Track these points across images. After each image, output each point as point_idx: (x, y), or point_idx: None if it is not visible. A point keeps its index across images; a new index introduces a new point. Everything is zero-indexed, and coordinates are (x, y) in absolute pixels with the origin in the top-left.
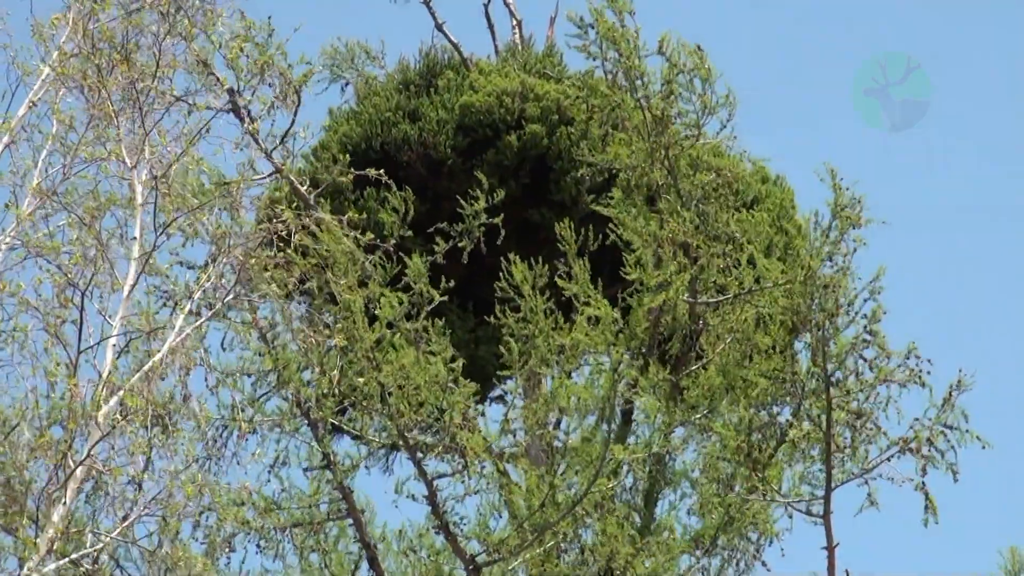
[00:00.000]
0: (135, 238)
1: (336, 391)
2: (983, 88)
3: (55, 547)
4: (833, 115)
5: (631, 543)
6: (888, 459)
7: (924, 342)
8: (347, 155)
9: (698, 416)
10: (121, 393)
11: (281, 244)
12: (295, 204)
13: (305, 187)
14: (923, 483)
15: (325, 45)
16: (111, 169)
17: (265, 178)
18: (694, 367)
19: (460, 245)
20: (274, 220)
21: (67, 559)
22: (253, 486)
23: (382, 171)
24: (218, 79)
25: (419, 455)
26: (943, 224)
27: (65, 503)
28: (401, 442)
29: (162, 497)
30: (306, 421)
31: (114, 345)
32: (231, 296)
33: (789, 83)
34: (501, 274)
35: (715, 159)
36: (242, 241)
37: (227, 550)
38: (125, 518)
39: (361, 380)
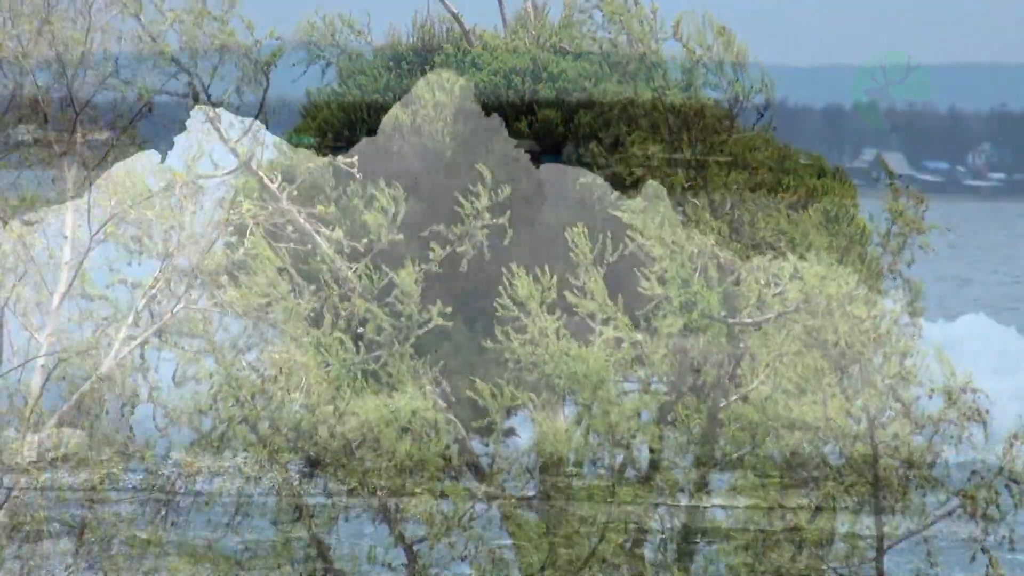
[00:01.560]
0: (67, 237)
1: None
2: None
3: None
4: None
5: None
6: (949, 514)
7: None
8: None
9: (735, 455)
10: (51, 424)
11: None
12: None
13: (276, 183)
14: (983, 548)
15: (301, 20)
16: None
17: (229, 173)
18: (732, 399)
19: (460, 251)
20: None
21: None
22: (212, 538)
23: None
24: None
25: (395, 516)
26: None
27: None
28: (375, 502)
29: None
30: (274, 464)
31: (43, 366)
32: (182, 304)
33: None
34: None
35: (750, 154)
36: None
37: None
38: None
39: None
